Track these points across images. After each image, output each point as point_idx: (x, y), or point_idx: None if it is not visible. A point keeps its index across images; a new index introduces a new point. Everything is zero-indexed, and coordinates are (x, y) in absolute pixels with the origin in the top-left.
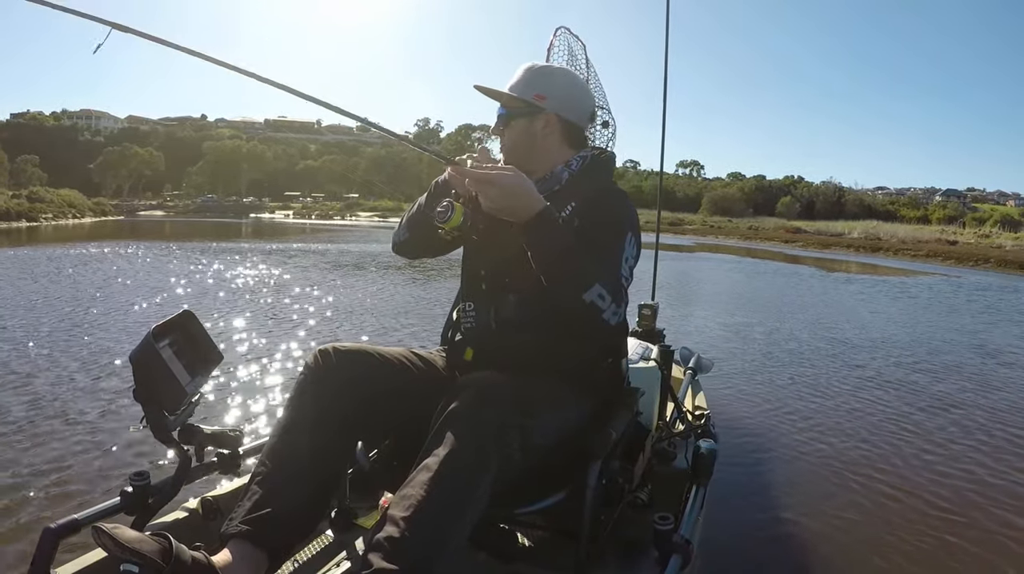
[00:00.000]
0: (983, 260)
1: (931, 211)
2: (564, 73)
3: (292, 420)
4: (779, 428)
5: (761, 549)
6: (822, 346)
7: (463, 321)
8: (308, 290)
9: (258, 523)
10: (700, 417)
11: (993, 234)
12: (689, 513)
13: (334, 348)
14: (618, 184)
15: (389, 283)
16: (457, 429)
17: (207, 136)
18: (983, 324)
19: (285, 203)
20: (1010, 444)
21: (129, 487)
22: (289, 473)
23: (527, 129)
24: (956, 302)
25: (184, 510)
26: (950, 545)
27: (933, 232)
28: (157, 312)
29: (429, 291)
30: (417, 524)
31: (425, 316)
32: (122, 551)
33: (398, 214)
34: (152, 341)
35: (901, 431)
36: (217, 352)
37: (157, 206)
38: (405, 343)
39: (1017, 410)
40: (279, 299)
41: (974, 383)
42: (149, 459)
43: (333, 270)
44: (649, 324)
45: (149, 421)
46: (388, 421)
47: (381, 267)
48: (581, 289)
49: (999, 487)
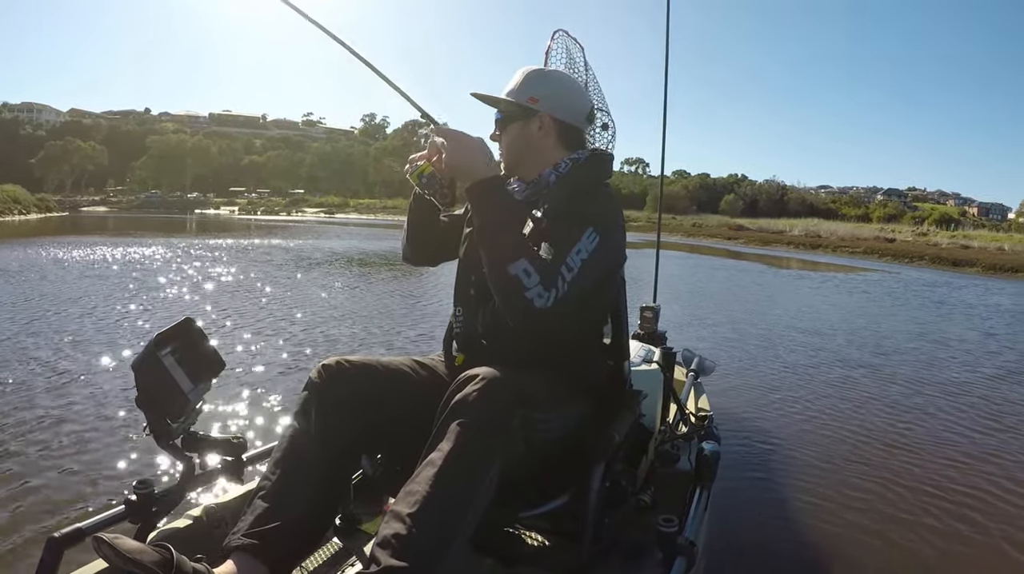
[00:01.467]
0: (918, 257)
1: (872, 210)
2: (558, 75)
3: (296, 433)
4: (779, 428)
5: (765, 550)
6: (795, 339)
7: (455, 327)
8: (272, 292)
9: (262, 537)
10: (703, 419)
11: (931, 232)
12: (693, 515)
13: (336, 361)
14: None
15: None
16: (461, 423)
17: (151, 130)
18: (938, 318)
19: (230, 199)
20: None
21: (133, 495)
22: (294, 487)
23: (523, 132)
24: (907, 297)
25: (188, 518)
26: (954, 547)
27: (872, 230)
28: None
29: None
30: (423, 520)
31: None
32: (123, 562)
33: (344, 210)
34: (154, 349)
35: (902, 429)
36: (219, 359)
37: (100, 202)
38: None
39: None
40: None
41: (969, 379)
42: (152, 468)
43: (306, 269)
44: (651, 326)
45: (152, 429)
46: (392, 429)
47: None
48: (507, 260)
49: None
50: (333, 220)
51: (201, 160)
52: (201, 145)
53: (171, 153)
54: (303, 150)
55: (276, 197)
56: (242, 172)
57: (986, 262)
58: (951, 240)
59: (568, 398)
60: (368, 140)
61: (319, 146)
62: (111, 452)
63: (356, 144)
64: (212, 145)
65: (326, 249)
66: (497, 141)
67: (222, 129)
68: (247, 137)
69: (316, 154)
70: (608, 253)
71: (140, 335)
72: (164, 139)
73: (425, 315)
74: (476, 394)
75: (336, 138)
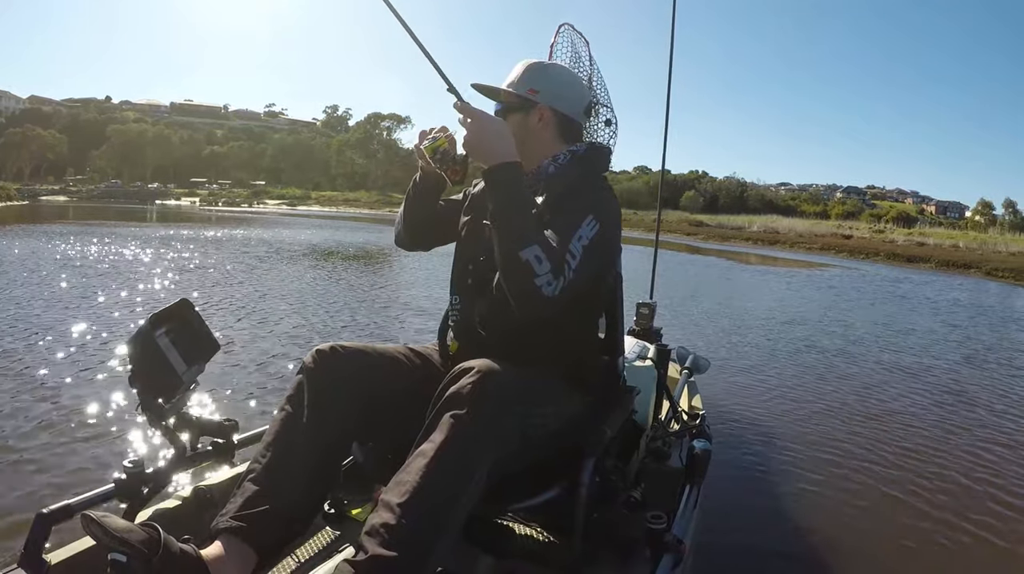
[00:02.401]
0: (874, 253)
1: (831, 207)
2: (558, 68)
3: (288, 418)
4: (770, 426)
5: (754, 549)
6: (779, 334)
7: (451, 315)
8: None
9: (250, 519)
10: (695, 417)
11: (887, 230)
12: (682, 512)
13: (331, 347)
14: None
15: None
16: (455, 415)
17: (112, 119)
18: (907, 311)
19: (191, 190)
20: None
21: (122, 474)
22: (284, 471)
23: (522, 123)
24: (873, 292)
25: (177, 499)
26: (938, 541)
27: (830, 227)
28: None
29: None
30: (412, 510)
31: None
32: (110, 540)
33: (306, 202)
34: (149, 329)
35: (892, 427)
36: (213, 341)
37: (60, 191)
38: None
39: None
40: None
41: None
42: (143, 446)
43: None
44: (647, 323)
45: (144, 408)
46: (384, 416)
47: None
48: (520, 245)
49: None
50: (296, 212)
51: (162, 150)
52: (162, 135)
53: (132, 143)
54: (265, 141)
55: (238, 188)
56: (203, 163)
57: (940, 258)
58: (907, 237)
59: (562, 392)
60: (330, 132)
61: (281, 137)
62: (102, 430)
63: (318, 136)
64: (173, 135)
65: (303, 241)
66: None
67: (184, 119)
68: (209, 127)
69: (278, 145)
70: (607, 240)
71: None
72: (125, 128)
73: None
74: (471, 387)
75: (298, 129)
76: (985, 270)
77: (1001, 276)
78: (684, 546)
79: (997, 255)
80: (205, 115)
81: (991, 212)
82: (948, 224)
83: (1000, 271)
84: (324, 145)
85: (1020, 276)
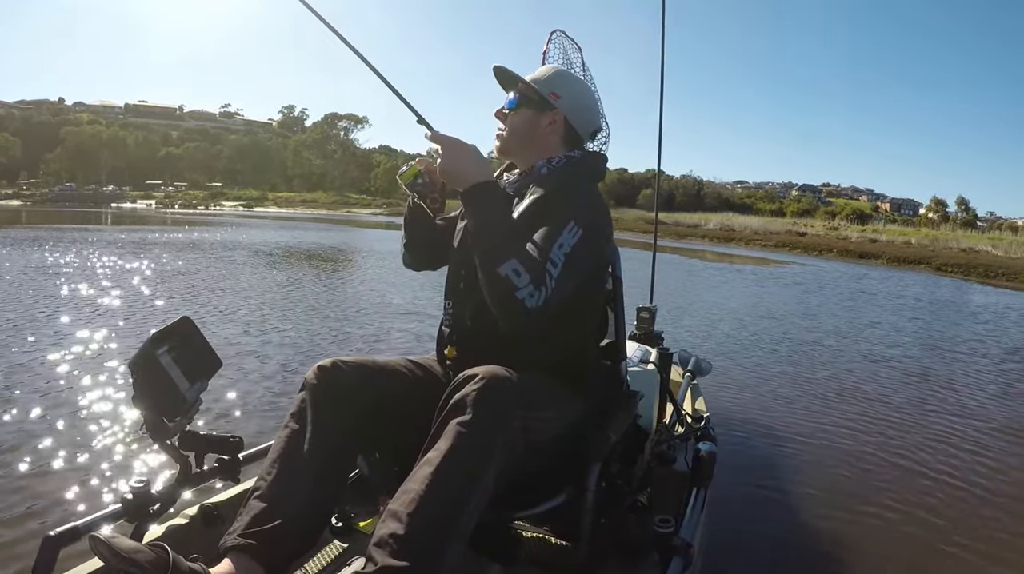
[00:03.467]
0: (827, 250)
1: (786, 205)
2: (584, 85)
3: (293, 433)
4: (774, 425)
5: (762, 551)
6: (763, 329)
7: (444, 320)
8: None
9: (258, 537)
10: (699, 419)
11: (842, 227)
12: (689, 515)
13: (332, 362)
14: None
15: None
16: (459, 422)
17: (65, 121)
18: (876, 309)
19: (147, 192)
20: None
21: (129, 494)
22: (290, 486)
23: (533, 120)
24: (840, 288)
25: (184, 517)
26: (942, 544)
27: (785, 224)
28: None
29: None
30: (421, 518)
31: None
32: (119, 561)
33: (263, 203)
34: (151, 347)
35: (895, 428)
36: (216, 358)
37: (13, 195)
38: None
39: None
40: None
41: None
42: (149, 466)
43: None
44: (648, 327)
45: (148, 428)
46: (388, 428)
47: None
48: (497, 261)
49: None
50: (253, 214)
51: (117, 152)
52: (117, 137)
53: (86, 145)
54: (221, 142)
55: (194, 190)
56: (159, 165)
57: (891, 255)
58: (861, 234)
59: (566, 398)
60: (287, 132)
61: (237, 138)
62: (107, 451)
63: (274, 137)
64: (128, 136)
65: (278, 242)
66: (501, 119)
67: (138, 120)
68: (164, 129)
69: (234, 146)
70: (591, 246)
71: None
72: (79, 130)
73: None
74: (475, 394)
75: (254, 130)
76: (935, 266)
77: (950, 271)
78: (693, 549)
79: (948, 251)
80: (160, 116)
81: (944, 210)
82: (902, 221)
83: (949, 267)
84: (281, 146)
85: (968, 271)
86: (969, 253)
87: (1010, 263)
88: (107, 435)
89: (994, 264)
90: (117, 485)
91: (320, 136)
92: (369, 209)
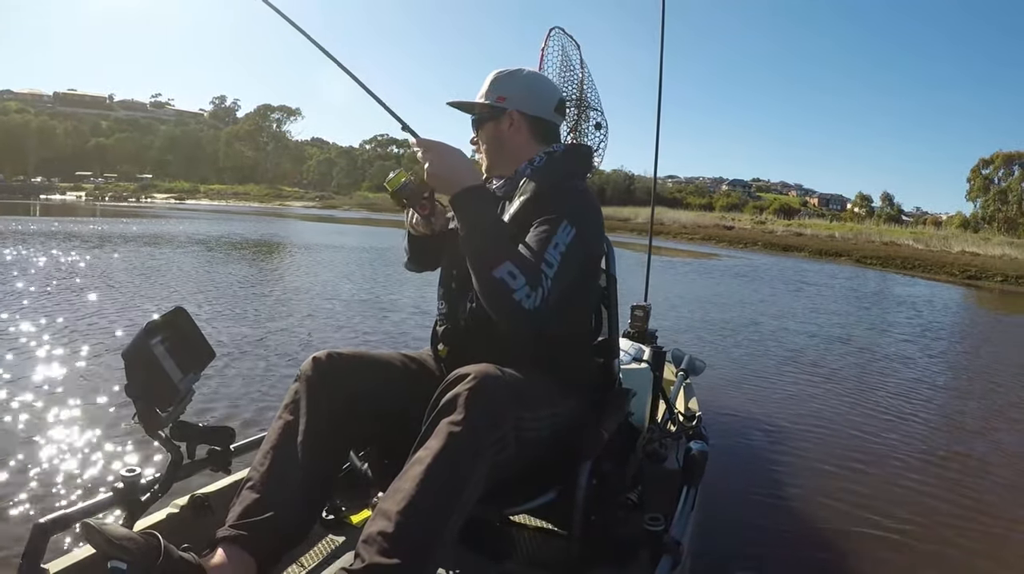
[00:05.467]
0: (752, 243)
1: (716, 199)
2: (525, 73)
3: (286, 425)
4: (767, 426)
5: (752, 550)
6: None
7: (438, 319)
8: None
9: (250, 527)
10: (691, 418)
11: (769, 220)
12: (680, 514)
13: (327, 354)
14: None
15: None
16: (451, 422)
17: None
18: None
19: (77, 184)
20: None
21: (120, 483)
22: (282, 478)
23: (495, 130)
24: (789, 282)
25: (175, 507)
26: (946, 541)
27: (714, 218)
28: None
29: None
30: (410, 517)
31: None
32: (111, 548)
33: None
34: (144, 338)
35: (888, 426)
36: (209, 349)
37: None
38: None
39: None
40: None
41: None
42: (141, 455)
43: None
44: (641, 325)
45: (141, 418)
46: (381, 422)
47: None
48: (491, 266)
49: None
50: (186, 206)
51: (46, 143)
52: (46, 127)
53: (13, 134)
54: (152, 133)
55: (125, 182)
56: (89, 156)
57: (813, 247)
58: (786, 228)
59: (558, 396)
60: (218, 124)
61: (168, 129)
62: (99, 439)
63: (206, 128)
64: (58, 126)
65: (226, 233)
66: (475, 145)
67: (68, 110)
68: (94, 119)
69: (165, 137)
70: (585, 244)
71: None
72: (7, 119)
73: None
74: (466, 394)
75: (185, 120)
76: (855, 258)
77: (869, 263)
78: (682, 548)
79: (870, 244)
80: (90, 105)
81: (869, 204)
82: (830, 216)
83: (868, 258)
84: (212, 137)
85: (886, 263)
86: (890, 246)
87: (928, 255)
88: (100, 423)
89: (912, 256)
90: (108, 474)
91: (252, 128)
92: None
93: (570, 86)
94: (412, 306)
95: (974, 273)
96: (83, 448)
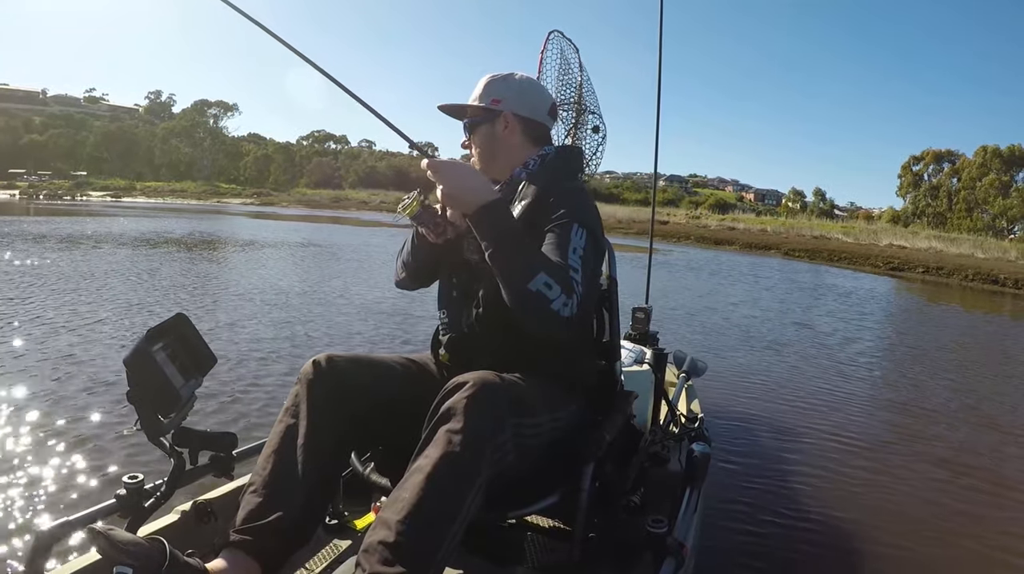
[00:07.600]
0: (686, 237)
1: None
2: (518, 77)
3: (287, 429)
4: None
5: (755, 551)
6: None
7: (440, 330)
8: None
9: (253, 533)
10: (693, 420)
11: (703, 215)
12: (683, 516)
13: (327, 357)
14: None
15: None
16: (450, 430)
17: None
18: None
19: (10, 182)
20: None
21: (123, 490)
22: (285, 483)
23: (489, 133)
24: (734, 275)
25: (177, 513)
26: (944, 543)
27: (649, 213)
28: None
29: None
30: (411, 526)
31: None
32: (117, 553)
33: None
34: (146, 344)
35: (885, 422)
36: (211, 355)
37: None
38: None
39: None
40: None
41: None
42: (143, 462)
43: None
44: (643, 327)
45: (143, 424)
46: (382, 426)
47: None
48: (526, 279)
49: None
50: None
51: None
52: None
53: None
54: (86, 128)
55: (59, 179)
56: (22, 152)
57: (744, 241)
58: (720, 222)
59: (559, 400)
60: (153, 119)
61: (103, 125)
62: (101, 446)
63: (141, 123)
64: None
65: (166, 230)
66: (467, 148)
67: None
68: (26, 114)
69: (100, 133)
70: (597, 243)
71: None
72: None
73: None
74: (466, 401)
75: (120, 116)
76: (784, 251)
77: (797, 255)
78: (686, 549)
79: (800, 238)
80: (22, 100)
81: (803, 199)
82: (765, 211)
83: (796, 251)
84: (148, 133)
85: (813, 255)
86: (820, 239)
87: (855, 248)
88: (102, 430)
89: (839, 249)
90: (111, 481)
91: (189, 123)
92: (239, 199)
93: (569, 89)
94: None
95: (897, 265)
96: (85, 455)
